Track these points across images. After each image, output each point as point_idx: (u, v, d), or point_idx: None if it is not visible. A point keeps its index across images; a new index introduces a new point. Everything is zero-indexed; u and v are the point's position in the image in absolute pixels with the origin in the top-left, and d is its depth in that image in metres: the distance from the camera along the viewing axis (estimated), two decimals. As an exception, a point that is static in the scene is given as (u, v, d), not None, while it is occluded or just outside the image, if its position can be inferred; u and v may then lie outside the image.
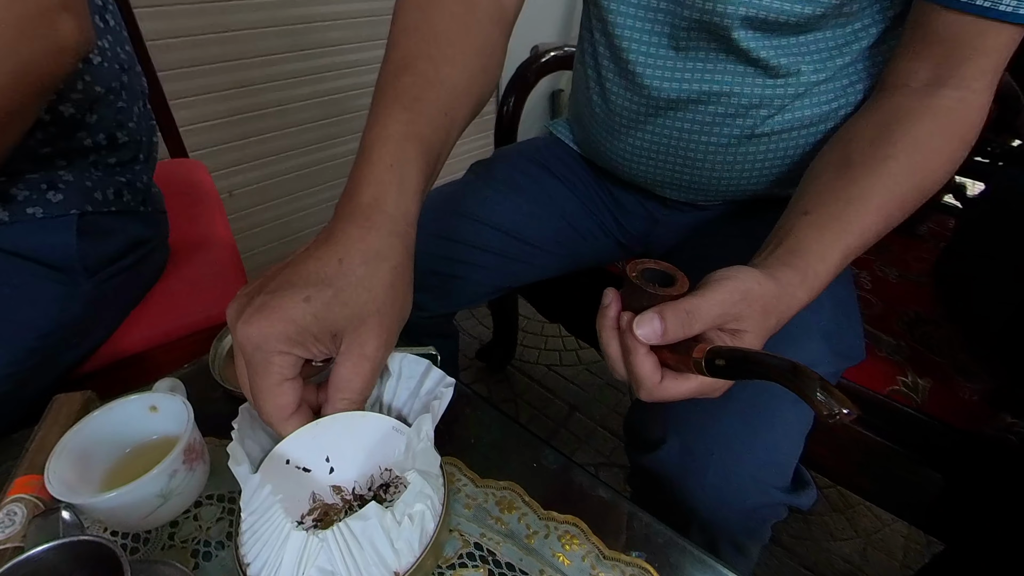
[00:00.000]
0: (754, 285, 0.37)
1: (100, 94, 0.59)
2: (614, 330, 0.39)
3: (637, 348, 0.36)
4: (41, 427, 0.43)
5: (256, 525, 0.32)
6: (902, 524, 1.11)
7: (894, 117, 0.46)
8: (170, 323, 0.68)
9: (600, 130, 0.66)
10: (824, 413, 0.28)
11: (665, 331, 0.34)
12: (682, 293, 0.36)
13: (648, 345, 0.36)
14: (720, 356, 0.33)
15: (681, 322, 0.34)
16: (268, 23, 1.27)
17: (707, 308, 0.35)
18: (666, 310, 0.35)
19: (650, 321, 0.35)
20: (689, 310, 0.35)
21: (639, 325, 0.35)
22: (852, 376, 0.69)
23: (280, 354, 0.33)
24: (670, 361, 0.36)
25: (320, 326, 0.33)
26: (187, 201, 0.87)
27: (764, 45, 0.53)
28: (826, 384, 0.28)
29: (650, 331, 0.34)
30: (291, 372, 0.34)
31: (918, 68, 0.47)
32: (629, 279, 0.37)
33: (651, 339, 0.35)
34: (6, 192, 0.54)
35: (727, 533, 0.51)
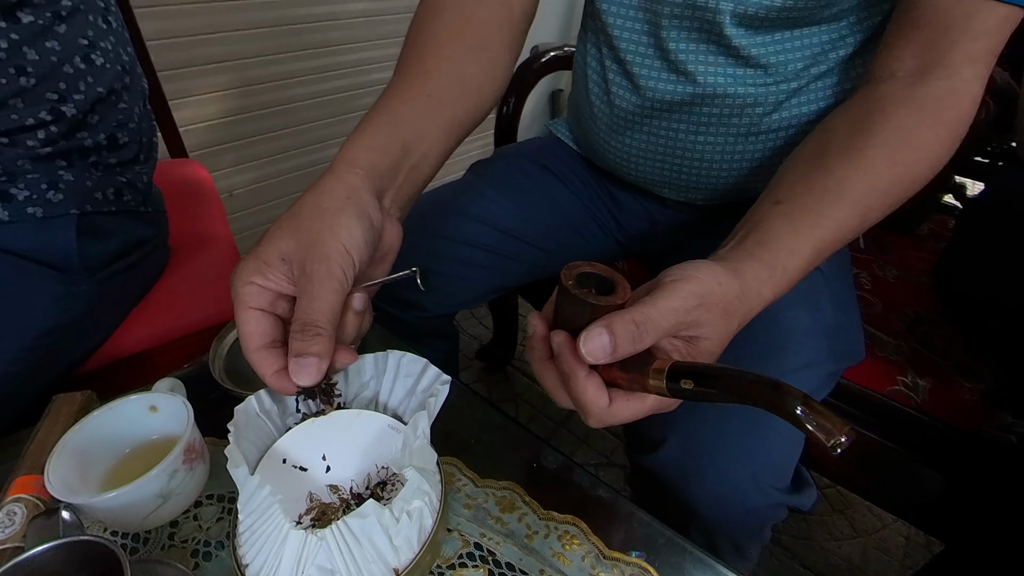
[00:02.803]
0: (714, 286, 0.33)
1: (102, 95, 0.59)
2: (548, 360, 0.34)
3: (577, 370, 0.32)
4: (41, 427, 0.43)
5: (255, 526, 0.32)
6: (903, 524, 1.11)
7: (877, 107, 0.44)
8: (170, 323, 0.68)
9: (599, 130, 0.66)
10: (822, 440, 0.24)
11: (615, 347, 0.30)
12: (625, 300, 0.32)
13: (589, 365, 0.32)
14: (684, 375, 0.29)
15: (632, 336, 0.30)
16: (268, 23, 1.27)
17: (661, 317, 0.31)
18: (614, 322, 0.30)
19: (597, 336, 0.30)
20: (640, 321, 0.30)
21: (586, 341, 0.30)
22: (852, 376, 0.69)
23: (245, 283, 0.35)
24: (620, 380, 0.32)
25: (272, 252, 0.35)
26: (187, 201, 0.87)
27: (756, 42, 0.53)
28: (811, 403, 0.25)
29: (598, 348, 0.30)
30: (254, 301, 0.35)
31: (904, 55, 0.45)
32: (565, 288, 0.32)
33: (600, 357, 0.30)
34: (6, 191, 0.54)
35: (727, 533, 0.51)
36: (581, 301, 0.31)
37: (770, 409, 0.26)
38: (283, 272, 0.35)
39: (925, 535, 1.09)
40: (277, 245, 0.35)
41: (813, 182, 0.41)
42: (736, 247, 0.38)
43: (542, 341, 0.34)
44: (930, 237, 1.02)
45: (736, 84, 0.55)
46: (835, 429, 0.24)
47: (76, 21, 0.57)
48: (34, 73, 0.53)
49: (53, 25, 0.55)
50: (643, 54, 0.58)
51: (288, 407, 0.43)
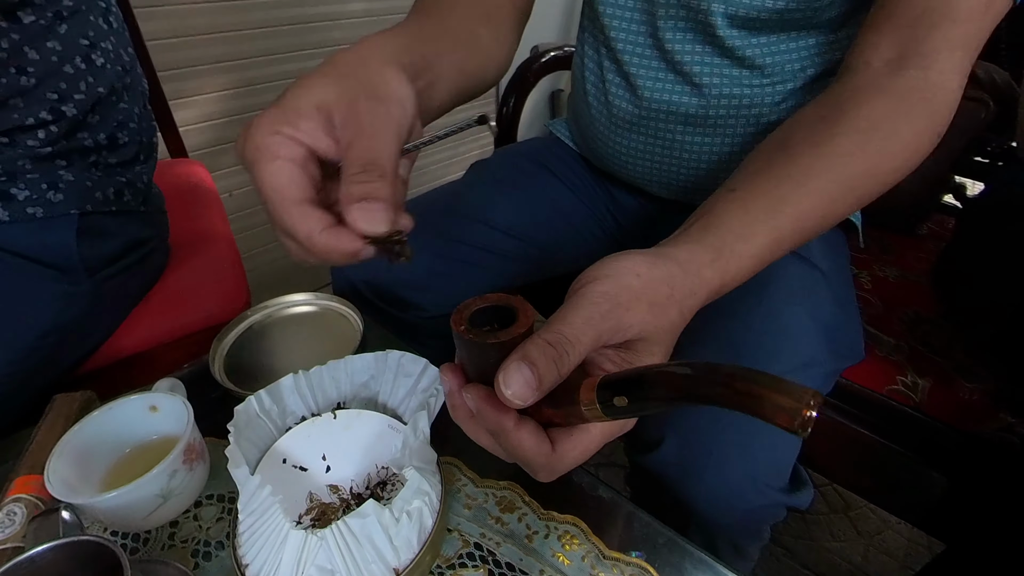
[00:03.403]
0: (630, 280, 0.29)
1: (103, 95, 0.59)
2: (472, 419, 0.29)
3: (504, 423, 0.27)
4: (41, 427, 0.43)
5: (255, 526, 0.33)
6: (904, 525, 1.11)
7: (848, 96, 0.41)
8: (170, 323, 0.68)
9: (597, 131, 0.67)
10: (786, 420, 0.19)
11: (539, 379, 0.25)
12: (530, 325, 0.28)
13: (516, 413, 0.27)
14: (614, 391, 0.25)
15: (552, 359, 0.25)
16: (268, 23, 1.27)
17: (576, 331, 0.27)
18: (529, 351, 0.26)
19: (517, 372, 0.25)
20: (554, 341, 0.26)
21: (507, 383, 0.25)
22: (852, 376, 0.69)
23: (268, 134, 0.29)
24: (556, 419, 0.28)
25: (299, 101, 0.30)
26: (187, 201, 0.87)
27: (750, 43, 0.53)
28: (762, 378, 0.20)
29: (522, 386, 0.25)
30: (285, 150, 0.29)
31: (880, 44, 0.42)
32: (458, 335, 0.28)
33: (527, 396, 0.25)
34: (6, 192, 0.54)
35: (726, 533, 0.51)
36: (480, 344, 0.27)
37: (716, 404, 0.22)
38: (318, 123, 0.30)
39: (927, 536, 1.09)
40: (311, 93, 0.30)
41: (773, 169, 0.38)
42: (679, 235, 0.35)
43: (458, 398, 0.29)
44: (930, 237, 1.02)
45: (732, 85, 0.55)
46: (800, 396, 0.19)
47: (77, 21, 0.57)
48: (35, 73, 0.53)
49: (54, 25, 0.55)
50: (640, 55, 0.58)
51: (288, 407, 0.43)
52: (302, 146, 0.29)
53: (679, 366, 0.23)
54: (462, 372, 0.30)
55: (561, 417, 0.27)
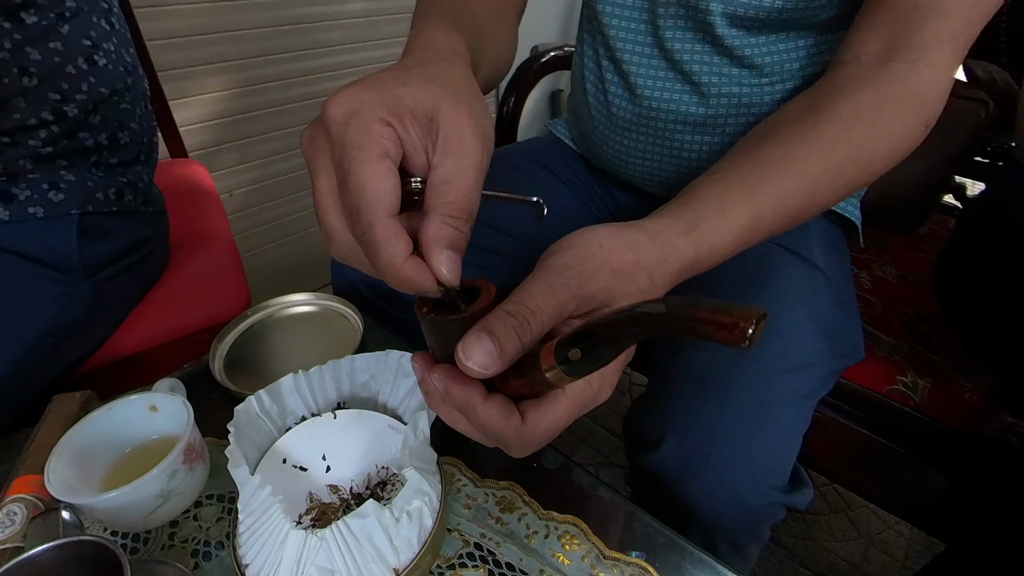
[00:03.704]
0: (592, 249, 0.29)
1: (104, 95, 0.59)
2: (445, 403, 0.29)
3: (472, 398, 0.27)
4: (41, 427, 0.43)
5: (255, 526, 0.33)
6: (904, 525, 1.11)
7: (836, 86, 0.41)
8: (170, 323, 0.68)
9: (597, 131, 0.67)
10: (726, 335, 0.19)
11: (501, 348, 0.25)
12: (490, 300, 0.28)
13: (483, 388, 0.27)
14: (570, 346, 0.24)
15: (514, 329, 0.25)
16: (268, 23, 1.27)
17: (538, 300, 0.26)
18: (489, 322, 0.26)
19: (477, 342, 0.25)
20: (514, 311, 0.26)
21: (468, 356, 0.25)
22: (851, 375, 0.69)
23: (380, 122, 0.26)
24: (524, 389, 0.28)
25: (415, 99, 0.27)
26: (187, 201, 0.87)
27: (749, 43, 0.53)
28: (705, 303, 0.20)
29: (484, 355, 0.25)
30: (392, 148, 0.26)
31: (870, 38, 0.42)
32: (423, 319, 0.28)
33: (489, 365, 0.25)
34: (7, 191, 0.54)
35: (725, 533, 0.51)
36: (442, 322, 0.27)
37: (664, 333, 0.21)
38: (423, 131, 0.27)
39: (927, 536, 1.09)
40: (422, 93, 0.27)
41: (757, 153, 0.38)
42: (655, 211, 0.34)
43: (428, 383, 0.29)
44: (930, 237, 1.02)
45: (732, 84, 0.55)
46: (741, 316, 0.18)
47: (79, 22, 0.57)
48: (37, 73, 0.53)
49: (57, 26, 0.55)
50: (640, 53, 0.58)
51: (288, 407, 0.43)
52: (401, 150, 0.27)
53: (623, 309, 0.23)
54: (432, 358, 0.30)
55: (527, 387, 0.27)
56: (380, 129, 0.26)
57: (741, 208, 0.34)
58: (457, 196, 0.26)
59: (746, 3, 0.50)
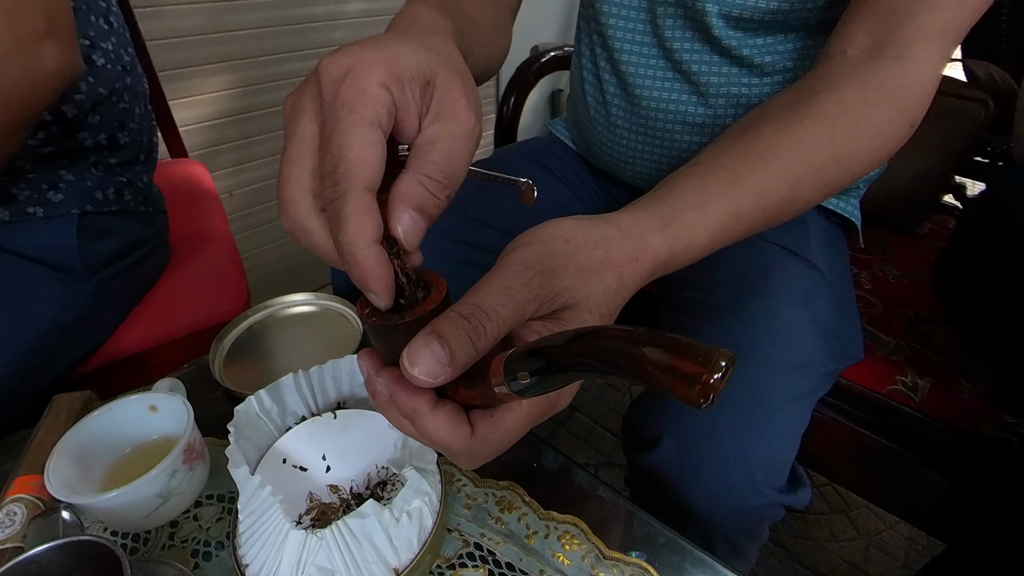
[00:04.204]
0: (558, 245, 0.27)
1: (103, 95, 0.59)
2: (391, 406, 0.26)
3: (419, 406, 0.24)
4: (41, 427, 0.43)
5: (255, 526, 0.33)
6: (904, 525, 1.11)
7: (822, 82, 0.40)
8: (170, 323, 0.68)
9: (596, 131, 0.67)
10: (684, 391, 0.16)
11: (452, 353, 0.22)
12: (441, 299, 0.25)
13: (432, 396, 0.24)
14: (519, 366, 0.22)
15: (466, 332, 0.23)
16: (268, 23, 1.27)
17: (494, 301, 0.24)
18: (439, 325, 0.23)
19: (424, 348, 0.22)
20: (468, 313, 0.23)
21: (414, 363, 0.22)
22: (851, 376, 0.69)
23: (379, 85, 0.24)
24: (473, 400, 0.25)
25: (415, 59, 0.25)
26: (187, 201, 0.87)
27: (746, 43, 0.53)
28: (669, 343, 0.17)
29: (432, 363, 0.22)
30: (386, 117, 0.24)
31: (857, 31, 0.42)
32: (365, 321, 0.25)
33: (437, 373, 0.22)
34: (7, 191, 0.54)
35: (724, 533, 0.51)
36: (388, 327, 0.24)
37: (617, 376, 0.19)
38: (418, 94, 0.25)
39: (927, 536, 1.09)
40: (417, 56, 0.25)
41: (738, 147, 0.36)
42: (629, 204, 0.33)
43: (374, 384, 0.26)
44: (930, 237, 1.02)
45: (731, 84, 0.55)
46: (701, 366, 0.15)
47: (78, 22, 0.57)
48: (35, 73, 0.53)
49: (54, 25, 0.55)
50: (640, 53, 0.58)
51: (288, 407, 0.43)
52: (394, 119, 0.25)
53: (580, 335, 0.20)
54: (380, 358, 0.27)
55: (477, 398, 0.24)
56: (377, 93, 0.24)
57: (719, 204, 0.33)
58: (440, 158, 0.25)
59: (741, 4, 0.50)
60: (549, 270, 0.26)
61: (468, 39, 0.38)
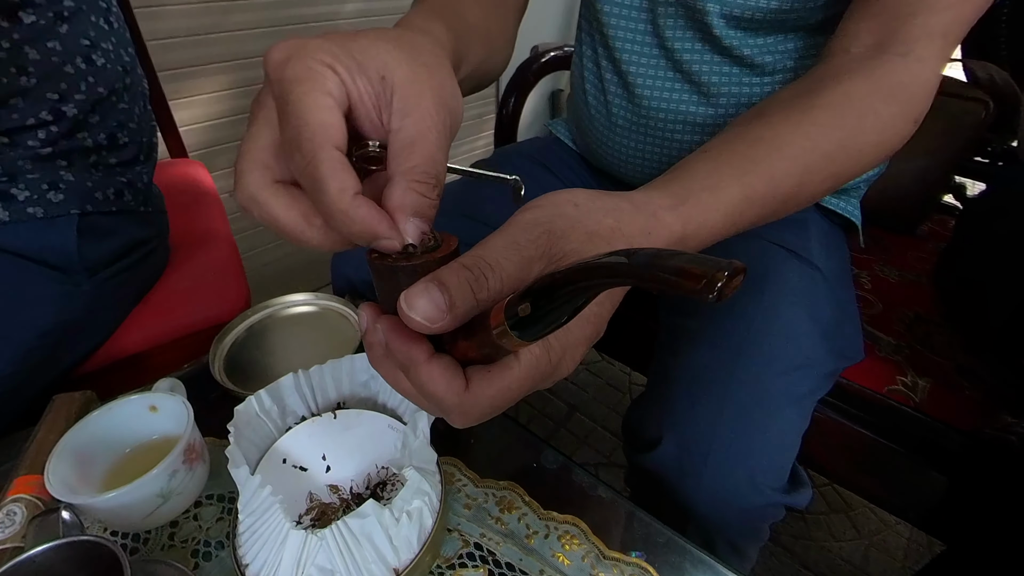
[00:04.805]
0: (567, 208, 0.27)
1: (103, 95, 0.59)
2: (387, 358, 0.25)
3: (415, 355, 0.24)
4: (41, 427, 0.43)
5: (255, 526, 0.33)
6: (904, 525, 1.11)
7: (829, 75, 0.41)
8: (170, 323, 0.68)
9: (596, 131, 0.67)
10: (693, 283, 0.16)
11: (451, 302, 0.22)
12: (450, 251, 0.25)
13: (429, 346, 0.24)
14: (521, 301, 0.21)
15: (468, 283, 0.22)
16: (268, 23, 1.27)
17: (499, 255, 0.24)
18: (442, 273, 0.23)
19: (424, 293, 0.22)
20: (471, 264, 0.23)
21: (411, 306, 0.22)
22: (851, 376, 0.69)
23: (322, 64, 0.24)
24: (472, 352, 0.24)
25: (364, 54, 0.25)
26: (187, 201, 0.87)
27: (747, 43, 0.53)
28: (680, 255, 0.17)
29: (430, 307, 0.22)
30: (336, 90, 0.24)
31: (860, 31, 0.42)
32: (371, 264, 0.25)
33: (435, 318, 0.22)
34: (7, 192, 0.54)
35: (724, 533, 0.51)
36: (391, 268, 0.24)
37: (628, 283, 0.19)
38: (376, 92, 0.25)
39: (927, 536, 1.09)
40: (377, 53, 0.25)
41: (748, 133, 0.37)
42: (641, 187, 0.33)
43: (372, 334, 0.25)
44: (930, 237, 1.02)
45: (732, 84, 0.55)
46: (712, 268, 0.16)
47: (78, 22, 0.57)
48: (35, 73, 0.53)
49: (55, 25, 0.55)
50: (640, 52, 0.58)
51: (288, 407, 0.43)
52: (347, 99, 0.25)
53: (582, 260, 0.19)
54: (380, 309, 0.26)
55: (476, 349, 0.24)
56: (322, 69, 0.24)
57: (732, 187, 0.33)
58: (421, 159, 0.25)
59: (742, 4, 0.50)
60: (557, 230, 0.25)
61: (464, 43, 0.38)
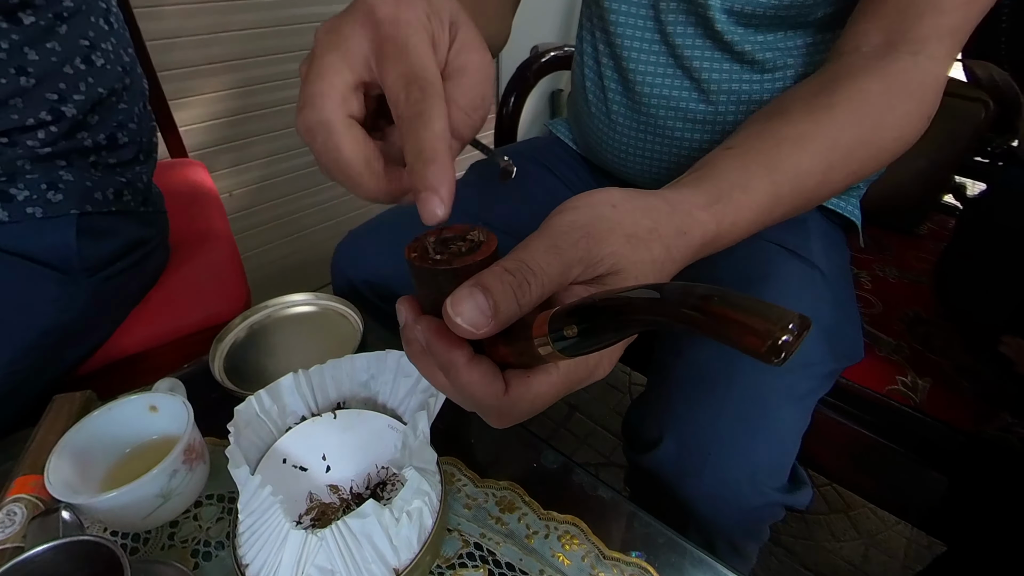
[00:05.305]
0: (605, 210, 0.27)
1: (102, 95, 0.59)
2: (425, 355, 0.26)
3: (456, 358, 0.24)
4: (41, 427, 0.43)
5: (255, 526, 0.32)
6: (904, 525, 1.11)
7: (843, 73, 0.41)
8: (170, 323, 0.68)
9: (596, 128, 0.67)
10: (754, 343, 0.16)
11: (496, 306, 0.22)
12: (490, 253, 0.25)
13: (469, 349, 0.25)
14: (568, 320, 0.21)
15: (511, 287, 0.23)
16: (268, 23, 1.27)
17: (540, 259, 0.24)
18: (484, 277, 0.23)
19: (468, 298, 0.22)
20: (513, 268, 0.23)
21: (458, 312, 0.23)
22: (851, 375, 0.69)
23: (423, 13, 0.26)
24: (511, 358, 0.25)
25: (440, 3, 0.27)
26: (187, 201, 0.87)
27: (749, 39, 0.53)
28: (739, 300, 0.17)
29: (475, 314, 0.22)
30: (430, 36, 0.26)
31: (870, 30, 0.43)
32: (411, 265, 0.26)
33: (480, 323, 0.22)
34: (6, 192, 0.54)
35: (724, 533, 0.51)
36: (432, 271, 0.24)
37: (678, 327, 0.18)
38: (447, 30, 0.27)
39: (927, 536, 1.09)
40: (444, 3, 0.27)
41: (771, 132, 0.37)
42: (670, 184, 0.33)
43: (411, 331, 0.26)
44: (930, 237, 1.02)
45: (733, 80, 0.55)
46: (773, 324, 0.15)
47: (77, 22, 0.57)
48: (35, 73, 0.53)
49: (54, 26, 0.55)
50: (642, 49, 0.58)
51: (288, 407, 0.43)
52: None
53: (640, 289, 0.20)
54: (419, 305, 0.27)
55: (516, 356, 0.24)
56: (424, 19, 0.26)
57: (761, 185, 0.34)
58: (469, 82, 0.27)
59: None
60: (596, 234, 0.26)
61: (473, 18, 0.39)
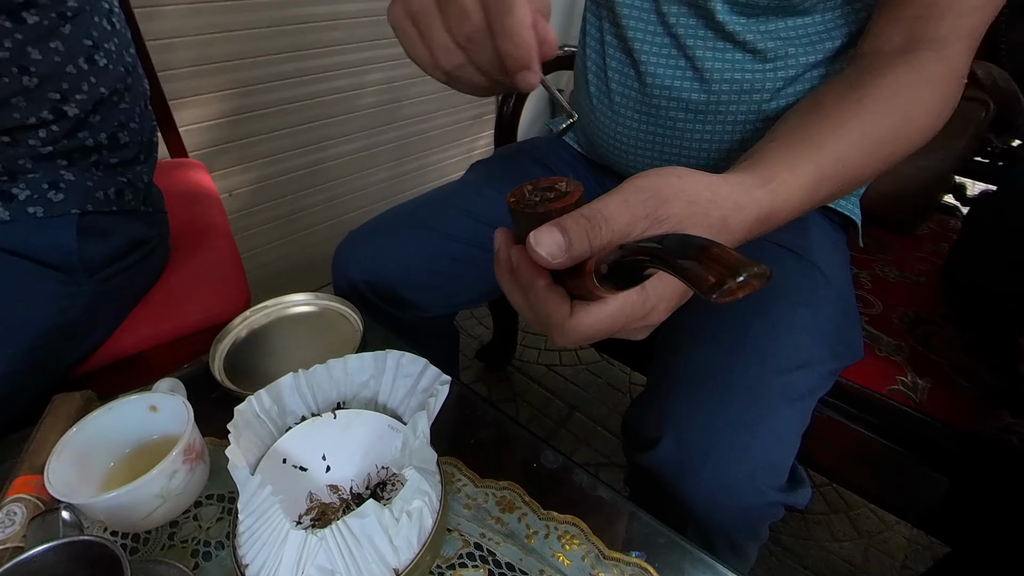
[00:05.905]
0: (671, 179, 0.31)
1: (104, 95, 0.59)
2: (511, 275, 0.33)
3: (536, 280, 0.30)
4: (41, 427, 0.43)
5: (255, 526, 0.32)
6: (904, 525, 1.11)
7: (869, 71, 0.44)
8: (170, 323, 0.68)
9: (597, 119, 0.67)
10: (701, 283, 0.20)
11: (569, 243, 0.27)
12: (574, 200, 0.30)
13: (549, 277, 0.31)
14: (606, 260, 0.27)
15: (584, 230, 0.28)
16: (268, 23, 1.27)
17: (613, 211, 0.29)
18: (563, 219, 0.28)
19: (548, 234, 0.28)
20: (589, 215, 0.28)
21: (538, 242, 0.28)
22: (851, 375, 0.69)
23: None
24: (575, 291, 0.31)
25: None
26: (187, 201, 0.87)
27: (749, 28, 0.54)
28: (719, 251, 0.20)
29: (552, 245, 0.28)
30: None
31: (891, 32, 0.46)
32: (510, 207, 0.32)
33: (556, 254, 0.28)
34: (7, 191, 0.54)
35: (724, 532, 0.51)
36: (523, 213, 0.30)
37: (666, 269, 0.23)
38: None
39: (927, 536, 1.09)
40: None
41: (808, 123, 0.40)
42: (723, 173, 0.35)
43: (503, 254, 0.33)
44: (930, 237, 1.02)
45: (734, 70, 0.55)
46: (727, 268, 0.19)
47: (81, 22, 0.57)
48: (37, 73, 0.53)
49: (58, 26, 0.55)
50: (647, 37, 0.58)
51: (288, 407, 0.43)
52: None
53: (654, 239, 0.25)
54: (513, 237, 0.33)
55: (577, 289, 0.30)
56: None
57: (808, 167, 0.37)
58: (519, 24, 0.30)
59: None
60: (663, 195, 0.30)
61: None
